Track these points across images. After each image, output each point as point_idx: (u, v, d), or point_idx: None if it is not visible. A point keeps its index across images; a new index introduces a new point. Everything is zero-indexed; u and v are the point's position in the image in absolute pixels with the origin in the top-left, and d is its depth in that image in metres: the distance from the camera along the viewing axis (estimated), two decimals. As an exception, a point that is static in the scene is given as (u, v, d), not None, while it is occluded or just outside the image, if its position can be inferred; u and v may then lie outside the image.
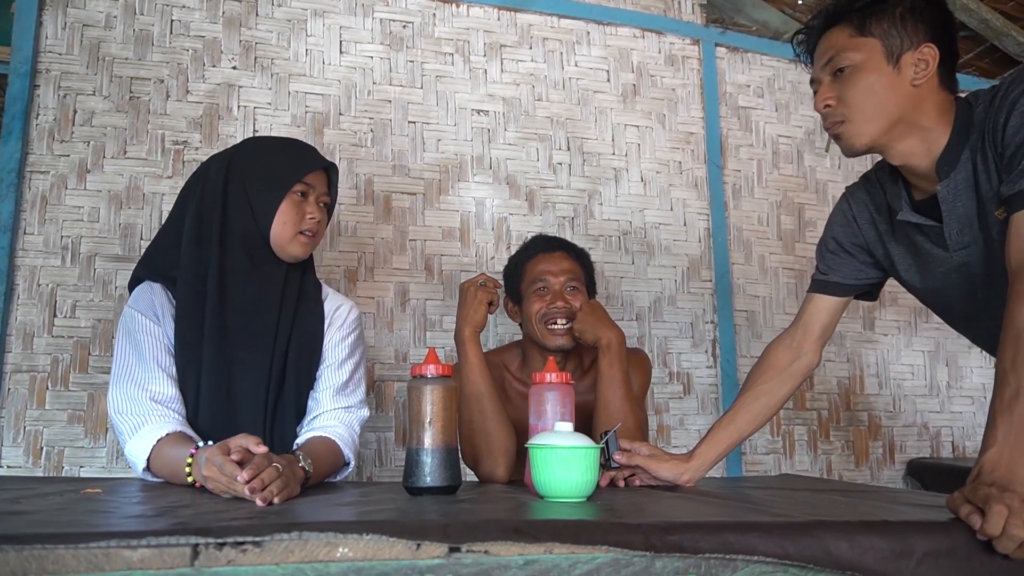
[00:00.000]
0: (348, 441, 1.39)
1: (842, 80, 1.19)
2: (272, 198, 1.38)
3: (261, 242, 1.39)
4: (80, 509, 0.90)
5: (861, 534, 0.79)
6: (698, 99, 2.66)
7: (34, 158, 2.04)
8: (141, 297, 1.38)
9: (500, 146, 2.44)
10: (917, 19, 1.16)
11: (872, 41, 1.17)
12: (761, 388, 1.38)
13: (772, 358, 1.40)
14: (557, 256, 1.66)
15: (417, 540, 0.69)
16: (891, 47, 1.16)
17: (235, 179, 1.39)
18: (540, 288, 1.62)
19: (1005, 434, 0.91)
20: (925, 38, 1.16)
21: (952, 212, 1.17)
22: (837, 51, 1.20)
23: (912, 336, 2.76)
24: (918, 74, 1.15)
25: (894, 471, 2.66)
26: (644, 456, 1.32)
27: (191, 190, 1.42)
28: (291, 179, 1.39)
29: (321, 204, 1.44)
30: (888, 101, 1.16)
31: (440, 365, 1.16)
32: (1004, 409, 0.92)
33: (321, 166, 1.44)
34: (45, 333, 1.99)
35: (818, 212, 2.69)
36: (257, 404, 1.35)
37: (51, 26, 2.11)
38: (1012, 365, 0.95)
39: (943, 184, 1.16)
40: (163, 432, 1.25)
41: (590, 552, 0.72)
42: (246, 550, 0.65)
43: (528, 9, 2.52)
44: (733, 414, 1.39)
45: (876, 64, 1.16)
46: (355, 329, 1.51)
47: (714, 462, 1.36)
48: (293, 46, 2.30)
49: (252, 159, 1.41)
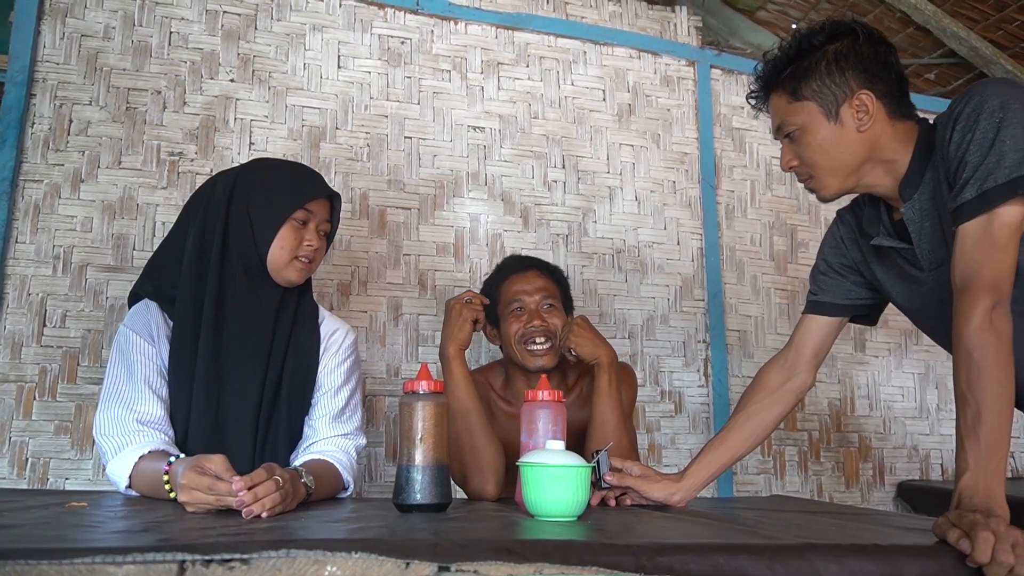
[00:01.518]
0: (347, 465, 1.39)
1: (796, 142, 1.22)
2: (272, 222, 1.37)
3: (259, 264, 1.38)
4: (64, 523, 0.89)
5: (851, 558, 0.79)
6: (693, 120, 2.69)
7: (28, 166, 2.04)
8: (137, 317, 1.38)
9: (495, 163, 2.45)
10: (844, 69, 1.17)
11: (808, 104, 1.19)
12: (753, 409, 1.38)
13: (765, 379, 1.40)
14: (530, 275, 1.65)
15: (406, 559, 0.68)
16: (827, 105, 1.18)
17: (238, 199, 1.39)
18: (516, 308, 1.62)
19: (975, 457, 0.92)
20: (858, 85, 1.16)
21: (920, 232, 1.18)
22: (781, 118, 1.23)
23: (903, 358, 2.77)
24: (862, 121, 1.17)
25: (884, 493, 2.65)
26: (635, 476, 1.31)
27: (196, 207, 1.42)
28: (292, 206, 1.38)
29: (321, 232, 1.43)
30: (842, 154, 1.19)
31: (432, 381, 1.15)
32: (969, 432, 0.93)
33: (324, 195, 1.43)
34: (34, 343, 1.97)
35: (810, 234, 2.71)
36: (247, 427, 1.34)
37: (49, 35, 2.11)
38: (968, 386, 0.96)
39: (907, 205, 1.18)
40: (145, 450, 1.23)
41: (579, 573, 0.71)
42: (233, 567, 0.64)
43: (526, 28, 2.54)
44: (725, 434, 1.38)
45: (817, 124, 1.19)
46: (351, 355, 1.50)
47: (705, 482, 1.36)
48: (291, 60, 2.31)
49: (257, 181, 1.41)
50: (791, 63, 1.20)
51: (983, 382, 0.95)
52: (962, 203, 1.05)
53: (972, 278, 1.02)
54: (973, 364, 0.96)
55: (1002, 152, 1.02)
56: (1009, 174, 1.01)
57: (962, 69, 3.22)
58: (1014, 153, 1.01)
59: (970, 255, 1.03)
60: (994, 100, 1.05)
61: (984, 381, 0.95)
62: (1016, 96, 1.05)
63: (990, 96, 1.06)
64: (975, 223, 1.04)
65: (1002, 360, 0.96)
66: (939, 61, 3.23)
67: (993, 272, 1.00)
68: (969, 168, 1.05)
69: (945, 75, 3.30)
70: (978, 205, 1.03)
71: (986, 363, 0.96)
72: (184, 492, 1.03)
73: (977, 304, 0.99)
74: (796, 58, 1.20)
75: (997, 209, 1.02)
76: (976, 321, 0.98)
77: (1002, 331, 0.98)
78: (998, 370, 0.95)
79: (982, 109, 1.05)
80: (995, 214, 1.02)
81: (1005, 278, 1.01)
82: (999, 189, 1.01)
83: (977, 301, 0.99)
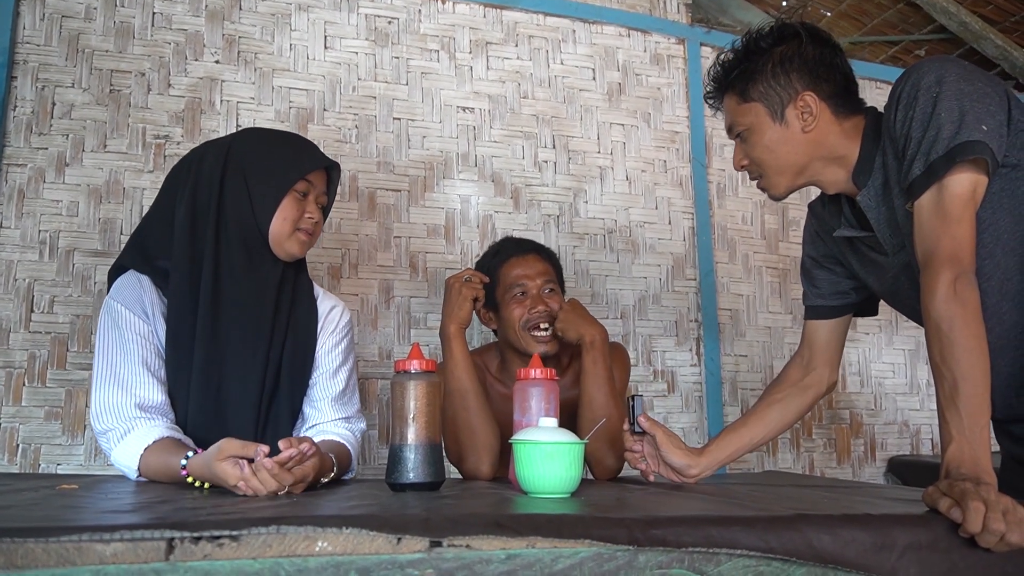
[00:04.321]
0: (355, 447, 1.40)
1: (745, 142, 1.26)
2: (274, 194, 1.33)
3: (259, 238, 1.34)
4: (54, 504, 0.88)
5: (843, 527, 0.79)
6: (683, 98, 2.67)
7: (11, 151, 2.01)
8: (128, 291, 1.30)
9: (485, 143, 2.43)
10: (788, 71, 1.19)
11: (755, 105, 1.22)
12: (774, 398, 1.40)
13: (786, 373, 1.42)
14: (531, 259, 1.63)
15: (398, 534, 0.68)
16: (772, 106, 1.21)
17: (234, 171, 1.33)
18: (518, 293, 1.60)
19: (958, 427, 0.93)
20: (801, 87, 1.19)
21: (878, 218, 1.19)
22: (732, 118, 1.27)
23: (893, 335, 2.79)
24: (806, 121, 1.19)
25: (875, 468, 2.68)
26: (663, 434, 1.32)
27: (182, 177, 1.36)
28: (294, 176, 1.34)
29: (319, 204, 1.41)
30: (788, 154, 1.21)
31: (424, 360, 1.15)
32: (949, 403, 0.94)
33: (325, 164, 1.41)
34: (22, 328, 1.95)
35: (801, 212, 2.67)
36: (249, 405, 1.31)
37: (29, 17, 2.08)
38: (942, 359, 0.97)
39: (862, 193, 1.19)
40: (150, 439, 1.20)
41: (572, 547, 0.71)
42: (222, 544, 0.63)
43: (514, 7, 2.52)
44: (745, 419, 1.40)
45: (764, 125, 1.22)
46: (347, 334, 1.48)
47: (722, 462, 1.37)
48: (277, 40, 2.28)
49: (253, 151, 1.36)
50: (740, 64, 1.23)
51: (955, 353, 0.96)
52: (912, 180, 1.06)
53: (932, 253, 1.03)
54: (943, 336, 0.97)
55: (940, 124, 1.03)
56: (948, 144, 1.02)
57: (952, 45, 3.22)
58: (950, 124, 1.03)
59: (927, 230, 1.04)
60: (930, 76, 1.07)
61: (956, 352, 0.96)
62: (950, 70, 1.07)
63: (926, 72, 1.08)
64: (927, 197, 1.05)
65: (971, 330, 0.97)
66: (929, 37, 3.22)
67: (951, 244, 1.01)
68: (913, 144, 1.06)
69: (935, 51, 3.29)
70: (926, 179, 1.04)
71: (955, 334, 0.97)
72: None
73: (940, 277, 1.00)
74: (744, 60, 1.23)
75: (944, 180, 1.03)
76: (941, 294, 0.99)
77: (968, 300, 0.98)
78: (968, 339, 0.96)
79: (920, 86, 1.07)
80: (943, 186, 1.03)
81: (964, 249, 1.01)
82: (941, 160, 1.03)
83: (939, 275, 1.00)
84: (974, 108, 1.03)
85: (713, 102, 1.32)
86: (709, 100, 1.33)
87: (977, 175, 1.03)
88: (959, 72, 1.07)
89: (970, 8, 3.04)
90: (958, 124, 1.02)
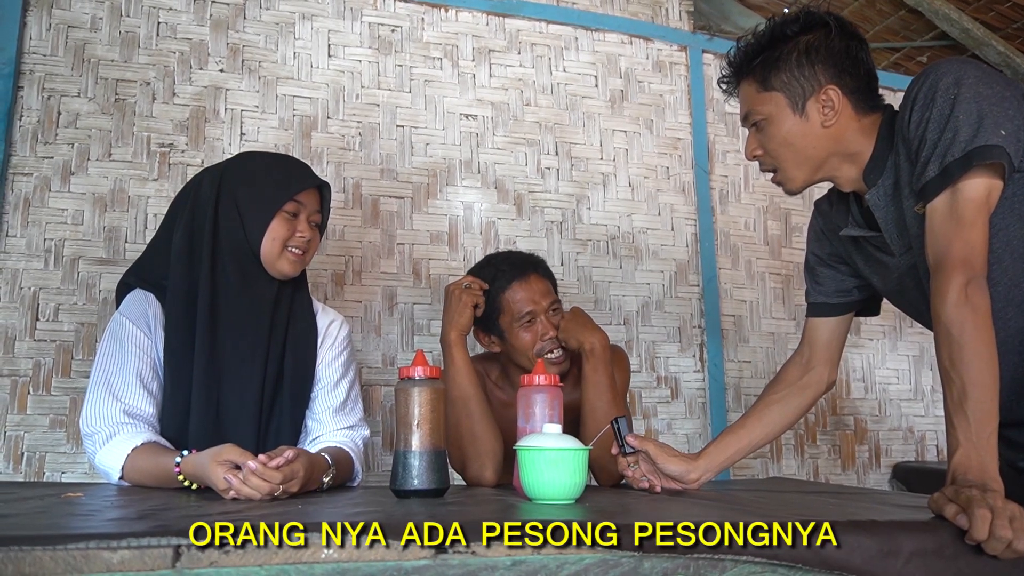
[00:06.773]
0: (357, 454, 1.41)
1: (761, 132, 1.22)
2: (262, 215, 1.36)
3: (252, 259, 1.37)
4: (60, 512, 0.88)
5: (849, 534, 0.79)
6: (685, 105, 2.68)
7: (17, 160, 2.02)
8: (135, 306, 1.36)
9: (488, 150, 2.44)
10: (813, 62, 1.16)
11: (776, 95, 1.18)
12: (773, 399, 1.38)
13: (784, 373, 1.41)
14: (532, 281, 1.58)
15: (403, 540, 0.68)
16: (794, 97, 1.17)
17: (227, 195, 1.38)
18: (527, 321, 1.56)
19: (965, 433, 0.92)
20: (825, 80, 1.16)
21: (887, 218, 1.18)
22: (749, 106, 1.22)
23: (897, 341, 2.78)
24: (827, 116, 1.16)
25: (880, 475, 2.67)
26: (654, 447, 1.31)
27: (182, 203, 1.41)
28: (282, 197, 1.37)
29: (312, 223, 1.42)
30: (806, 147, 1.18)
31: (428, 367, 1.15)
32: (956, 409, 0.94)
33: (313, 185, 1.42)
34: (27, 337, 1.96)
35: (804, 218, 2.70)
36: (248, 420, 1.33)
37: (35, 27, 2.09)
38: (951, 363, 0.96)
39: (871, 192, 1.17)
40: (136, 442, 1.23)
41: (578, 553, 0.71)
42: (228, 551, 0.64)
43: (517, 15, 2.53)
44: (744, 420, 1.38)
45: (784, 116, 1.18)
46: (346, 347, 1.50)
47: (722, 465, 1.34)
48: (281, 49, 2.29)
49: (244, 175, 1.40)
50: (763, 51, 1.20)
51: (964, 358, 0.95)
52: (926, 182, 1.05)
53: (943, 256, 1.01)
54: (953, 341, 0.96)
55: (957, 127, 1.02)
56: (965, 147, 1.01)
57: (954, 51, 3.22)
58: (968, 127, 1.01)
59: (940, 233, 1.03)
60: (948, 77, 1.05)
61: (966, 357, 0.95)
62: (969, 72, 1.05)
63: (945, 74, 1.06)
64: (941, 200, 1.04)
65: (982, 335, 0.96)
66: (931, 44, 3.23)
67: (963, 248, 1.00)
68: (929, 146, 1.05)
69: (937, 58, 3.29)
70: (940, 181, 1.03)
71: (965, 339, 0.96)
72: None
73: (951, 282, 0.99)
74: (768, 47, 1.19)
75: (959, 184, 1.02)
76: (952, 298, 0.98)
77: (979, 306, 0.97)
78: (979, 345, 0.95)
79: (937, 87, 1.05)
80: (958, 189, 1.02)
81: (977, 253, 1.00)
82: (957, 163, 1.01)
83: (951, 279, 0.99)
84: (993, 112, 1.02)
85: (727, 87, 1.28)
86: (723, 85, 1.28)
87: (992, 180, 1.02)
88: (978, 75, 1.05)
89: (972, 15, 3.05)
90: (976, 127, 1.01)
